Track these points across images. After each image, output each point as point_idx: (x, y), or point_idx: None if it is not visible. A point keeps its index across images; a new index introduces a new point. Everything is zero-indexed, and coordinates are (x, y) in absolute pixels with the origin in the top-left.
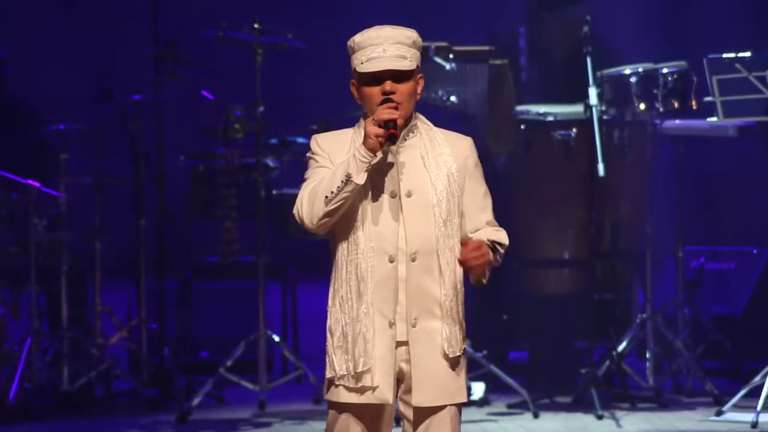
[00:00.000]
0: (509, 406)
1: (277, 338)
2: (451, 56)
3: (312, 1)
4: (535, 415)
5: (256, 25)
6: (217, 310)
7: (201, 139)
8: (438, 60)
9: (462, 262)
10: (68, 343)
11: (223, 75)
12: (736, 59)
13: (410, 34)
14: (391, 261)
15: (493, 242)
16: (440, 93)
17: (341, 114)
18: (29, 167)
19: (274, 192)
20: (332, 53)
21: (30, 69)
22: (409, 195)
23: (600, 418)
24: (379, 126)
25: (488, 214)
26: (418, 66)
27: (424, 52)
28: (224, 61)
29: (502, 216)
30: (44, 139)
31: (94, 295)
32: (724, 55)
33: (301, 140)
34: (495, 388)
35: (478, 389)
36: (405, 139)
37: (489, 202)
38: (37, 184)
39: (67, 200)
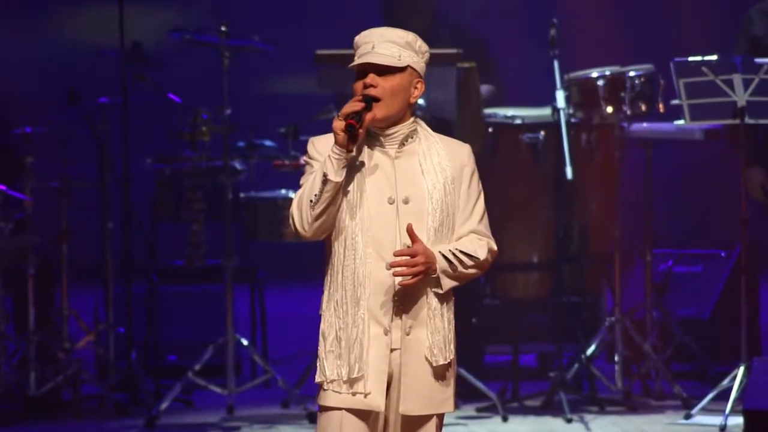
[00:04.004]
0: (478, 410)
1: (245, 342)
2: None
3: (280, 3)
4: (504, 419)
5: (223, 28)
6: (185, 314)
7: (168, 142)
8: None
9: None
10: (35, 347)
11: (190, 78)
12: (703, 62)
13: (404, 35)
14: (389, 268)
15: (459, 252)
16: None
17: (309, 117)
18: None
19: (241, 195)
20: (300, 56)
21: None
22: (406, 202)
23: (569, 421)
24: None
25: (474, 223)
26: (412, 68)
27: None
28: (191, 63)
29: None
30: (10, 142)
31: (61, 298)
32: (691, 59)
33: (268, 143)
34: (464, 391)
35: None
36: (404, 145)
37: (480, 210)
38: (2, 188)
39: (33, 203)
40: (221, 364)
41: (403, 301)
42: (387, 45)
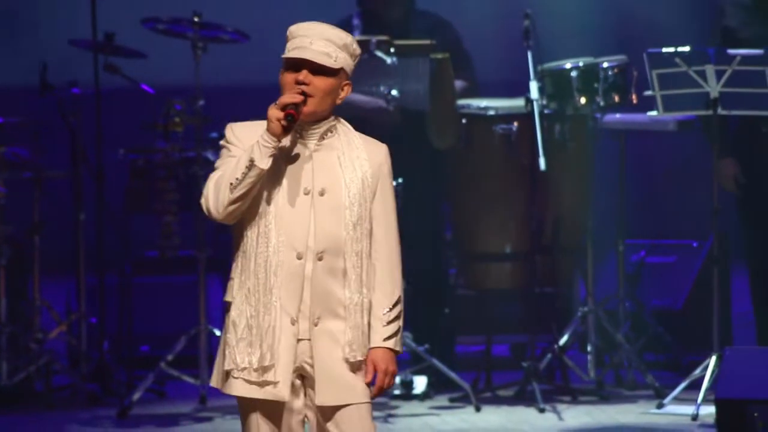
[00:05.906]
0: (451, 400)
1: (218, 332)
2: (392, 50)
3: None
4: (477, 409)
5: (196, 19)
6: (158, 305)
7: (141, 132)
8: (379, 54)
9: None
10: (7, 338)
11: (162, 68)
12: (676, 53)
13: (343, 36)
14: (299, 258)
15: (391, 318)
16: (381, 88)
17: None
18: None
19: None
20: (274, 46)
21: None
22: (322, 193)
23: (542, 411)
24: (281, 110)
25: (391, 232)
26: (344, 70)
27: (365, 46)
28: (164, 54)
29: (443, 210)
30: None
31: (33, 289)
32: (664, 50)
33: None
34: (437, 382)
35: (420, 383)
36: (323, 138)
37: (394, 215)
38: None
39: (5, 194)
40: (194, 354)
41: (312, 291)
42: (325, 43)
